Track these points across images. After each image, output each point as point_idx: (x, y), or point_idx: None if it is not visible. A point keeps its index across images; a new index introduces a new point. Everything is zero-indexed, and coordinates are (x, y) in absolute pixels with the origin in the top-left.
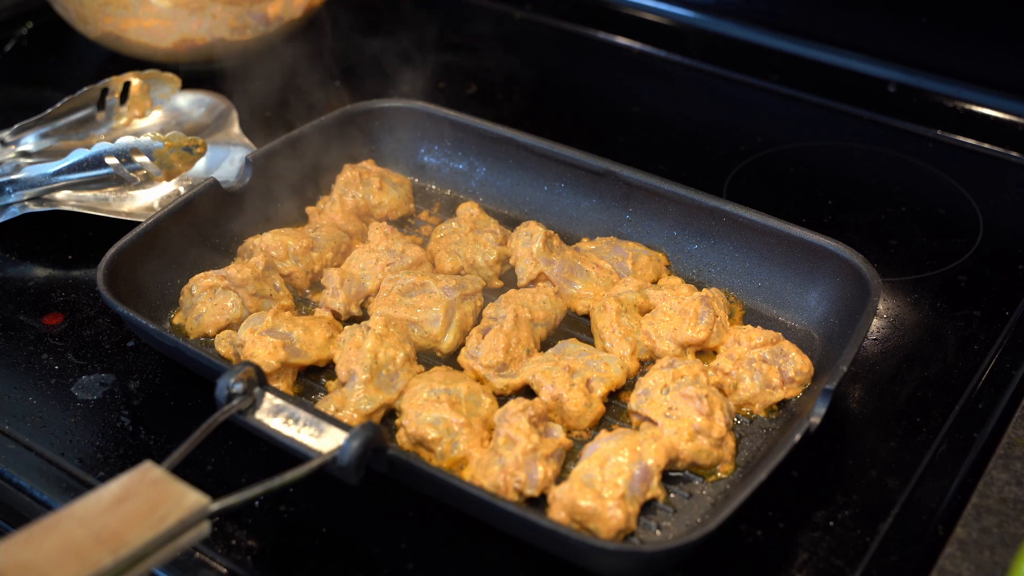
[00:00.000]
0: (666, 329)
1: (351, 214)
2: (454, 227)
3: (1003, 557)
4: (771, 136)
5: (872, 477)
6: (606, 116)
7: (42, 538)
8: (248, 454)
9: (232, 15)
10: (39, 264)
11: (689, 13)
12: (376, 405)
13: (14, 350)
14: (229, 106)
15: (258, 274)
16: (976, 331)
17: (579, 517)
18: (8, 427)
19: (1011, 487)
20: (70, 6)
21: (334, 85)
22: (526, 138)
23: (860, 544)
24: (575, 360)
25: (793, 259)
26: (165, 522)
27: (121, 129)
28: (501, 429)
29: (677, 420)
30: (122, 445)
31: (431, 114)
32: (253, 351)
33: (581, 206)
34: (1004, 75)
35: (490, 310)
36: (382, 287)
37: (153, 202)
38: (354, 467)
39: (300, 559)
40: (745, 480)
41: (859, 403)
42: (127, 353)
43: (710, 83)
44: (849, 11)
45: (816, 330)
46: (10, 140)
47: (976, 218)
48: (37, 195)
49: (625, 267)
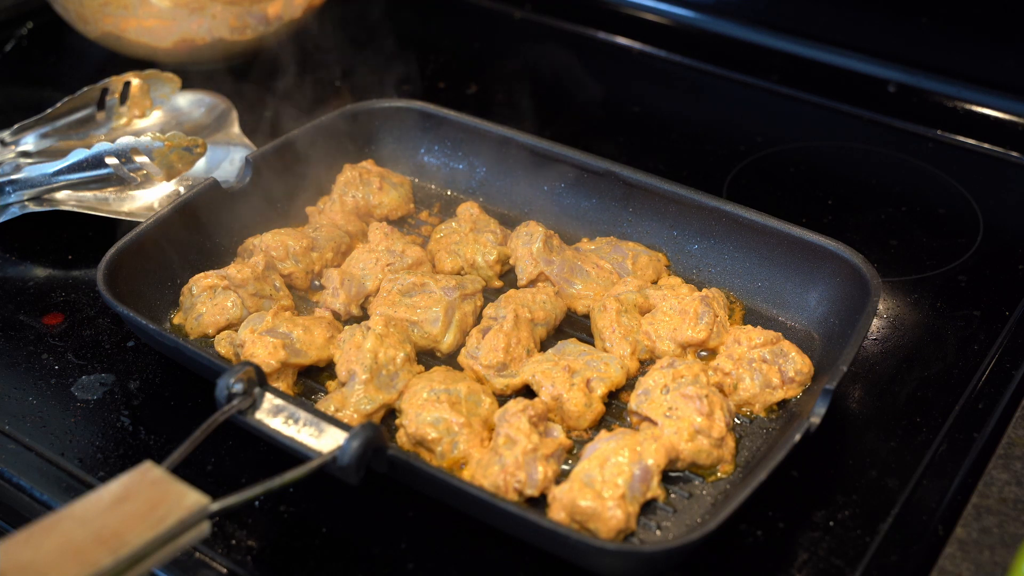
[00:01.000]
0: (666, 329)
1: (351, 214)
2: (454, 227)
3: (1003, 557)
4: (771, 136)
5: (872, 477)
6: (606, 116)
7: (42, 538)
8: (248, 454)
9: (232, 15)
10: (39, 264)
11: (689, 13)
12: (376, 405)
13: (14, 350)
14: (229, 106)
15: (258, 274)
16: (976, 331)
17: (579, 517)
18: (8, 427)
19: (1011, 487)
20: (70, 6)
21: (334, 85)
22: (526, 138)
23: (860, 544)
24: (575, 360)
25: (793, 259)
26: (165, 522)
27: (121, 129)
28: (501, 429)
29: (677, 420)
30: (122, 445)
31: (431, 114)
32: (253, 351)
33: (581, 206)
34: (1004, 75)
35: (490, 310)
36: (382, 287)
37: (153, 202)
38: (354, 467)
39: (300, 559)
40: (745, 480)
41: (859, 403)
42: (127, 353)
43: (710, 83)
44: (849, 11)
45: (816, 330)
46: (10, 140)
47: (976, 218)
48: (37, 195)
49: (625, 267)
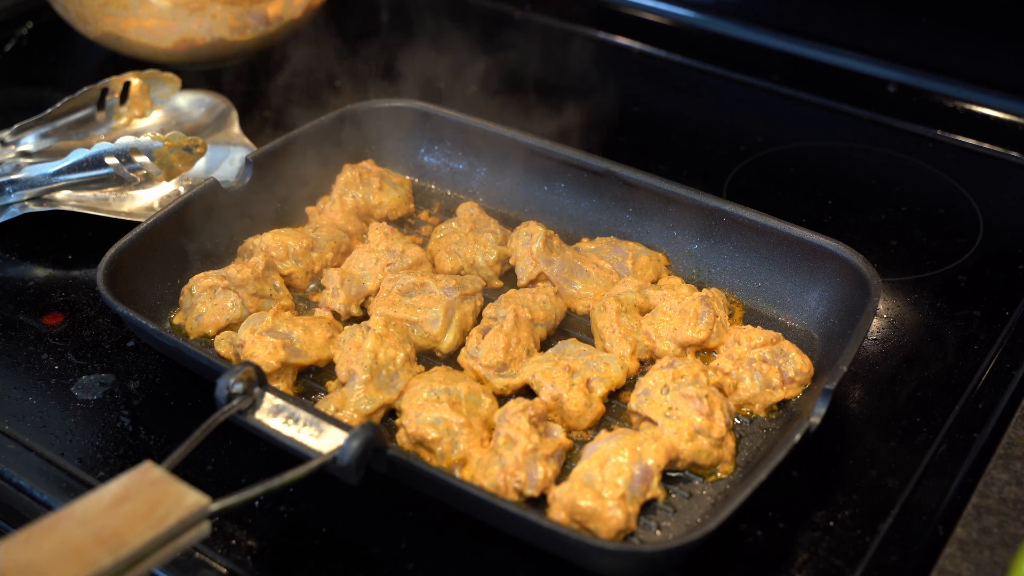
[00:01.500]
0: (666, 329)
1: (351, 214)
2: (454, 227)
3: (1003, 557)
4: (771, 136)
5: (872, 477)
6: (606, 116)
7: (42, 538)
8: (248, 454)
9: (232, 15)
10: (39, 264)
11: (689, 13)
12: (376, 405)
13: (14, 350)
14: (229, 106)
15: (258, 274)
16: (976, 331)
17: (579, 517)
18: (8, 427)
19: (1011, 487)
20: (70, 6)
21: (334, 85)
22: (526, 138)
23: (860, 544)
24: (575, 360)
25: (793, 259)
26: (165, 522)
27: (121, 129)
28: (501, 429)
29: (677, 420)
30: (122, 445)
31: (431, 114)
32: (253, 351)
33: (581, 206)
34: (1004, 75)
35: (490, 310)
36: (382, 287)
37: (153, 202)
38: (354, 467)
39: (300, 559)
40: (745, 480)
41: (859, 403)
42: (127, 353)
43: (710, 83)
44: (849, 11)
45: (816, 330)
46: (10, 140)
47: (976, 218)
48: (37, 195)
49: (625, 267)
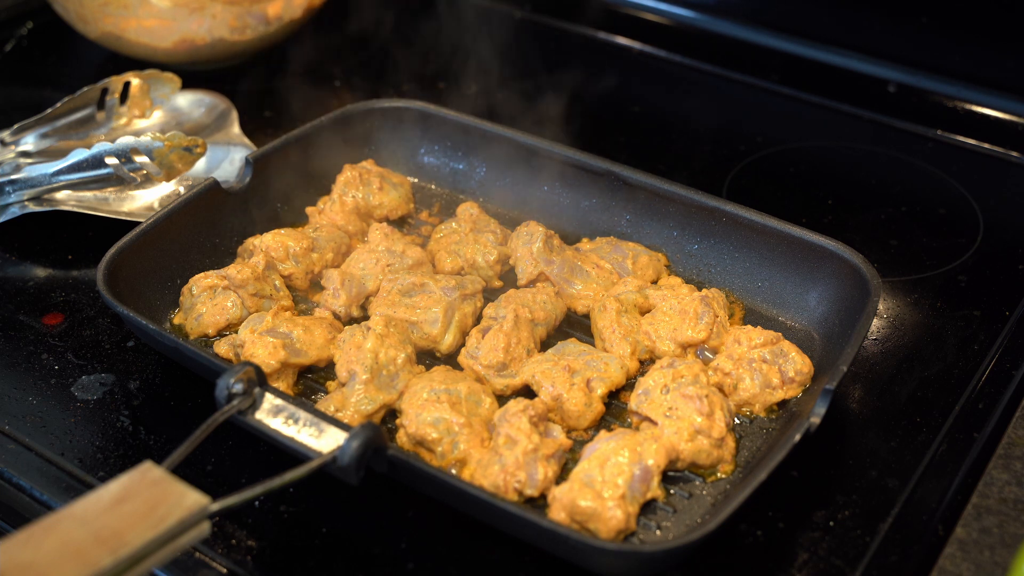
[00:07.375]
0: (666, 329)
1: (351, 214)
2: (454, 227)
3: (1003, 557)
4: (771, 136)
5: (872, 477)
6: (606, 116)
7: (42, 538)
8: (248, 454)
9: (232, 15)
10: (39, 264)
11: (689, 13)
12: (376, 405)
13: (14, 350)
14: (229, 106)
15: (258, 274)
16: (976, 331)
17: (579, 517)
18: (8, 427)
19: (1011, 487)
20: (70, 6)
21: (334, 85)
22: (526, 138)
23: (860, 544)
24: (575, 360)
25: (793, 259)
26: (165, 522)
27: (121, 129)
28: (501, 429)
29: (677, 420)
30: (122, 445)
31: (431, 114)
32: (253, 351)
33: (581, 206)
34: (1004, 75)
35: (490, 310)
36: (382, 287)
37: (153, 202)
38: (354, 467)
39: (300, 559)
40: (745, 480)
41: (859, 403)
42: (127, 353)
43: (710, 83)
44: (849, 11)
45: (816, 330)
46: (10, 140)
47: (976, 218)
48: (37, 195)
49: (625, 267)
